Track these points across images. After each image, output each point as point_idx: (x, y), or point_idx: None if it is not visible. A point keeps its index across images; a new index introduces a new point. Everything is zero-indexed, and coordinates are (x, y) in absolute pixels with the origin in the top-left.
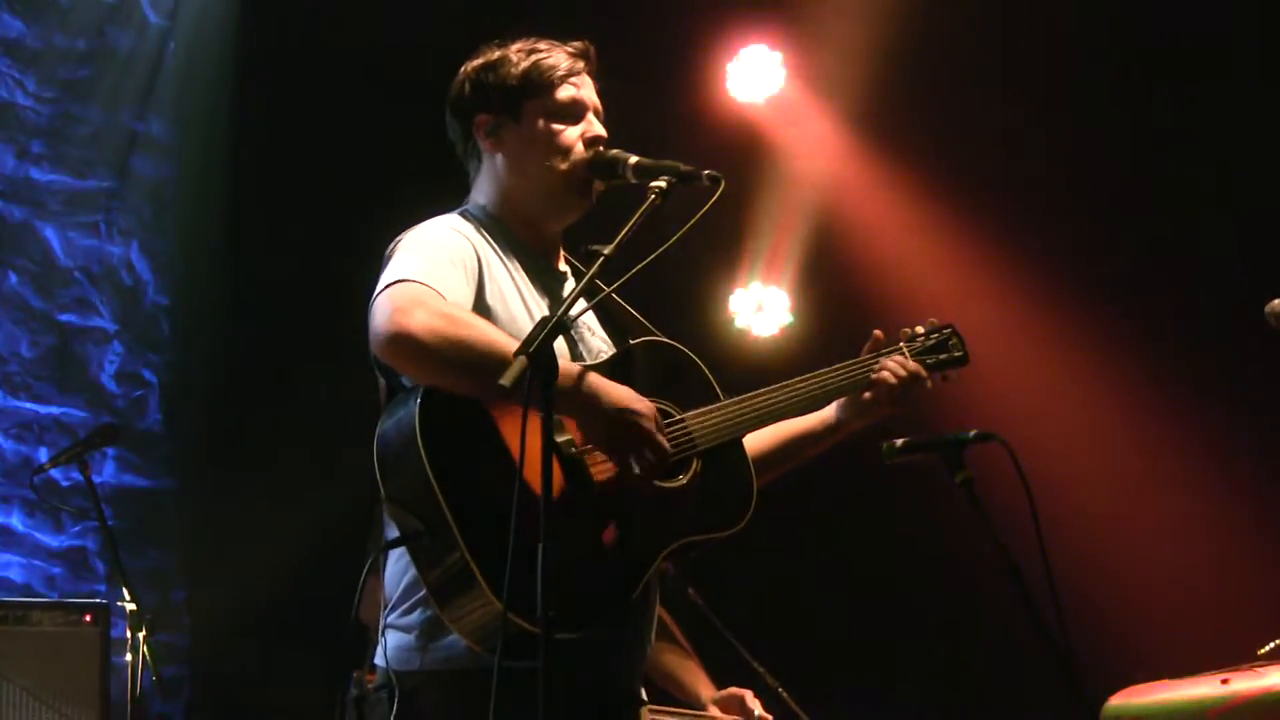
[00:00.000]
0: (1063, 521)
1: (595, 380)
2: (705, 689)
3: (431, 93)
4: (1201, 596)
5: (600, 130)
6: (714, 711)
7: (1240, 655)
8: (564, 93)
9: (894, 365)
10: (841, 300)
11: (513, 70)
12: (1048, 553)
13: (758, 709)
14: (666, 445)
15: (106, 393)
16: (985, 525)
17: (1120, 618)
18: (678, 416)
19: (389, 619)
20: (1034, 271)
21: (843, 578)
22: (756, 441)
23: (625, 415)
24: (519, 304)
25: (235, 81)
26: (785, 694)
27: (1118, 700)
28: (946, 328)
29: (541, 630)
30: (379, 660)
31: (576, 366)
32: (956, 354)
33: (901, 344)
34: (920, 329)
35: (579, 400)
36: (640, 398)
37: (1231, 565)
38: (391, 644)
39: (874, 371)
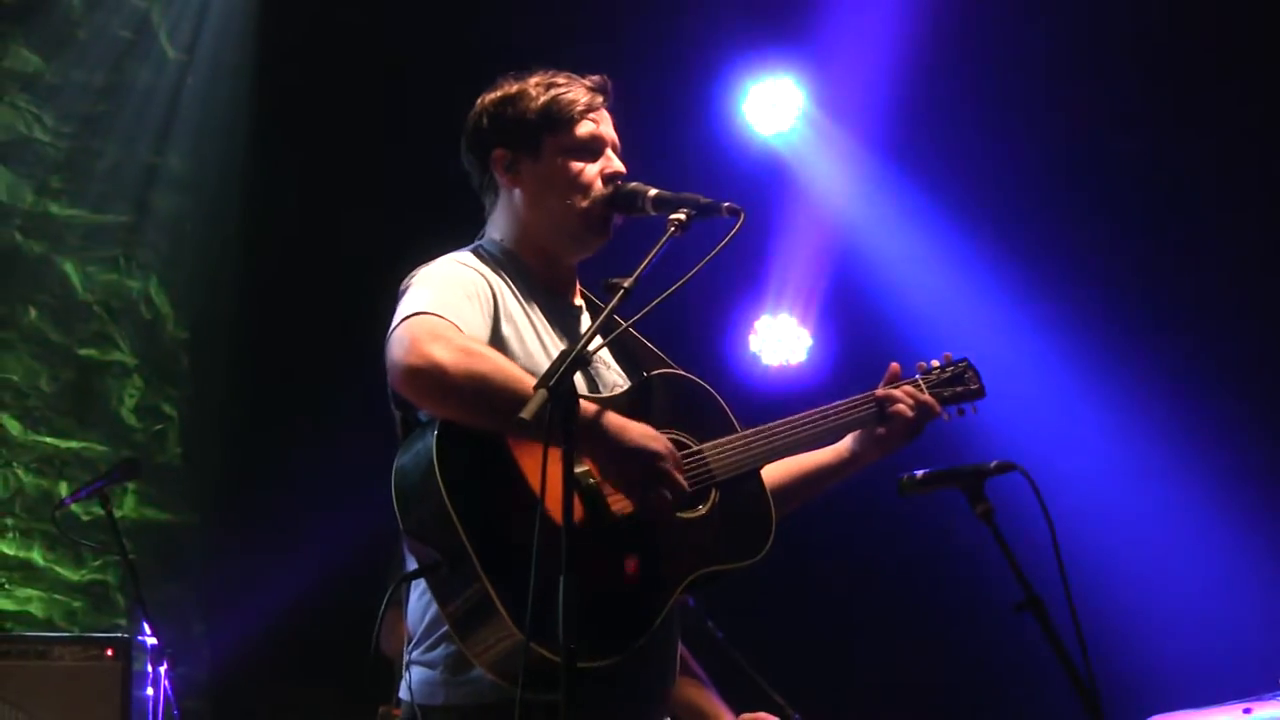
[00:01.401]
0: (1084, 551)
1: (613, 418)
2: (725, 718)
3: (448, 128)
4: (1224, 626)
5: (619, 166)
6: None
7: (1263, 684)
8: (583, 129)
9: (909, 398)
10: (860, 332)
11: (531, 105)
12: (1069, 583)
13: None
14: (684, 483)
15: (126, 427)
16: (1006, 556)
17: (1143, 647)
18: (695, 448)
19: (413, 654)
20: (1056, 301)
21: (862, 606)
22: (774, 474)
23: (642, 453)
24: (534, 340)
25: (252, 115)
26: None
27: None
28: (962, 361)
29: (563, 660)
30: (403, 694)
31: (594, 406)
32: (973, 387)
33: (917, 377)
34: (936, 363)
35: (597, 438)
36: (658, 435)
37: (1254, 594)
38: (416, 679)
39: (890, 405)
